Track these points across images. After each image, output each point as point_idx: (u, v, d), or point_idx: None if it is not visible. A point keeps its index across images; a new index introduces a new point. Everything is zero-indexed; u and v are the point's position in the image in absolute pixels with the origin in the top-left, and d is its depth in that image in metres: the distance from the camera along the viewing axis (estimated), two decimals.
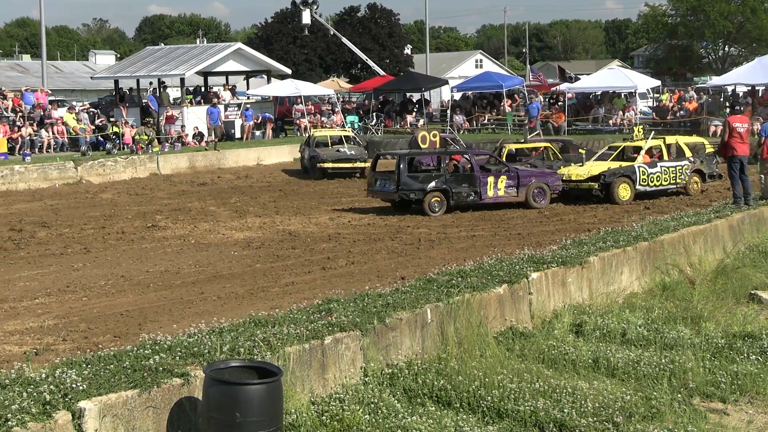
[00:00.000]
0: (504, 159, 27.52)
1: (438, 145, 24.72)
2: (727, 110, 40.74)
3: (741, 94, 43.67)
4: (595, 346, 10.67)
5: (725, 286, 14.02)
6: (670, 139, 27.54)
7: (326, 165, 34.33)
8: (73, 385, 6.94)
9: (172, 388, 7.34)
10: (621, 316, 11.90)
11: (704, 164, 26.61)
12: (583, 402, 8.72)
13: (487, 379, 8.98)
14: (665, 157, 26.11)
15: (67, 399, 6.78)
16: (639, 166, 25.20)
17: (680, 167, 25.87)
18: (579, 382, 9.31)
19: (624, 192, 24.88)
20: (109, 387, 7.05)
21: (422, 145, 24.54)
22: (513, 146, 29.41)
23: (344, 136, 37.11)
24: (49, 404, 6.66)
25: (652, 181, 25.33)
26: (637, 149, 26.23)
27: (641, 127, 29.87)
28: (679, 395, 9.30)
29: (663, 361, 10.09)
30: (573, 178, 25.48)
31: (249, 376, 7.33)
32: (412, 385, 8.95)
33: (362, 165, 34.09)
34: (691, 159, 26.35)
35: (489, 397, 8.69)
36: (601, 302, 12.70)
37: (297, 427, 7.83)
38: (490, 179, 24.28)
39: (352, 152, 34.56)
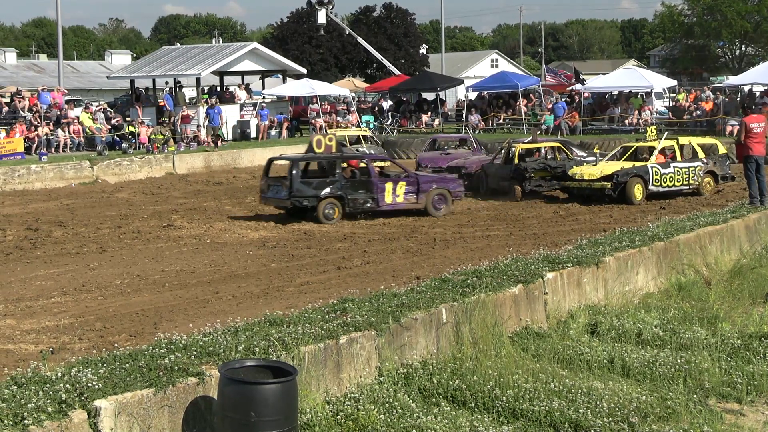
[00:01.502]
0: (516, 160, 27.28)
1: (335, 149, 23.39)
2: (745, 110, 40.70)
3: (758, 93, 43.47)
4: (610, 346, 10.65)
5: (741, 286, 13.98)
6: (683, 140, 27.18)
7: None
8: (89, 384, 6.96)
9: (188, 388, 7.35)
10: (636, 316, 11.88)
11: (717, 165, 26.27)
12: (598, 402, 8.72)
13: (502, 379, 8.97)
14: (678, 157, 25.80)
15: (83, 398, 6.80)
16: (652, 167, 24.92)
17: (693, 168, 25.59)
18: (594, 383, 9.30)
19: (637, 192, 24.59)
20: (125, 386, 7.07)
21: (317, 150, 23.14)
22: (523, 146, 28.98)
23: (362, 135, 36.68)
24: (65, 403, 6.69)
25: (664, 182, 25.06)
26: (650, 149, 25.93)
27: (655, 127, 29.55)
28: (695, 396, 9.28)
29: (679, 361, 10.07)
30: (585, 177, 25.14)
31: (264, 376, 7.35)
32: (427, 385, 8.95)
33: (382, 165, 33.50)
34: (704, 160, 26.02)
35: (504, 397, 8.69)
36: (616, 302, 12.68)
37: (312, 426, 7.84)
38: (389, 185, 23.36)
39: (372, 152, 33.90)
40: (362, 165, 24.41)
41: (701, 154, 26.20)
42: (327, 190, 22.77)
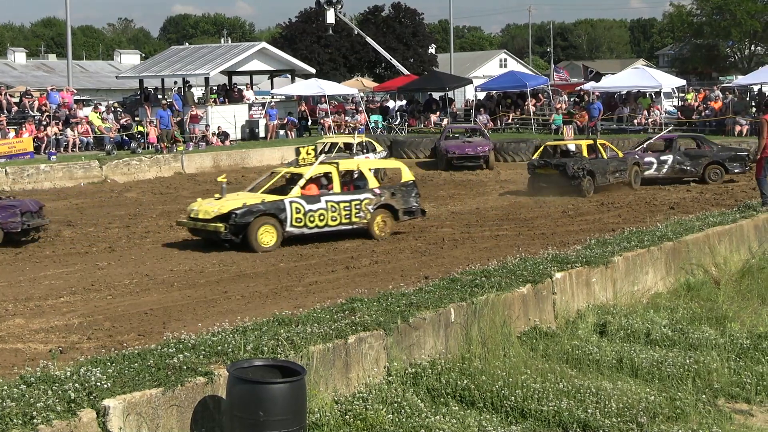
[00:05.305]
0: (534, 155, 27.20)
1: None
2: (753, 110, 40.55)
3: (767, 93, 43.37)
4: (619, 346, 10.64)
5: (750, 286, 13.94)
6: (348, 165, 21.45)
7: None
8: (98, 384, 6.97)
9: (196, 387, 7.36)
10: (645, 316, 11.86)
11: (396, 197, 20.54)
12: (607, 402, 8.70)
13: (510, 379, 8.96)
14: (337, 188, 20.06)
15: (91, 397, 6.81)
16: (291, 201, 19.20)
17: (358, 201, 19.89)
18: (603, 383, 9.28)
19: (264, 237, 18.87)
20: (134, 385, 7.08)
21: None
22: (549, 143, 29.00)
23: (344, 143, 33.27)
24: (74, 402, 6.70)
25: (311, 221, 19.34)
26: (297, 177, 20.18)
27: (311, 148, 24.22)
28: (704, 396, 9.27)
29: (687, 361, 10.05)
30: (200, 216, 19.18)
31: (273, 375, 7.35)
32: (435, 385, 8.95)
33: None
34: (377, 191, 20.33)
35: (512, 397, 8.68)
36: (625, 302, 12.66)
37: (320, 426, 7.84)
38: None
39: (368, 156, 32.71)
40: None
41: (373, 183, 20.67)
42: None
